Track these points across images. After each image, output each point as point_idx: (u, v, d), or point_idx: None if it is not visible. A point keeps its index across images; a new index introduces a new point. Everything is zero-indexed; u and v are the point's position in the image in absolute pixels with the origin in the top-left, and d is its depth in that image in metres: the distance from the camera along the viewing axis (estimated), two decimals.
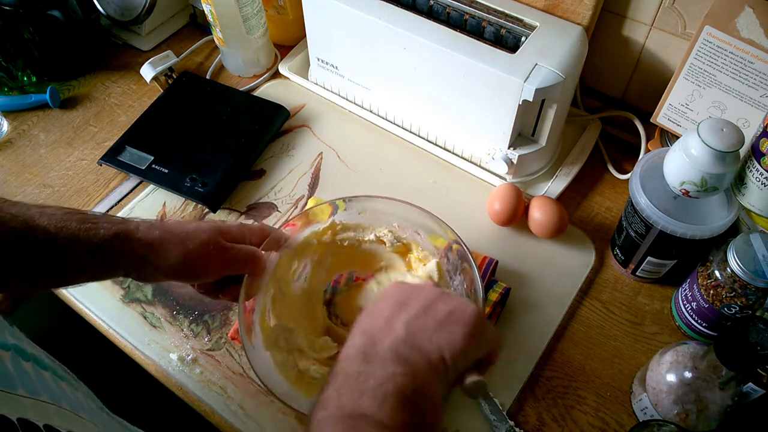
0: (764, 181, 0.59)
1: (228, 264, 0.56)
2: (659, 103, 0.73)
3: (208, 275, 0.56)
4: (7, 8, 0.87)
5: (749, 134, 0.63)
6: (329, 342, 0.64)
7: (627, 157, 0.84)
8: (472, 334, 0.44)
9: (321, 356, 0.62)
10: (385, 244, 0.68)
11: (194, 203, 0.80)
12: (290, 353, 0.61)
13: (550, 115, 0.73)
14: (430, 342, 0.43)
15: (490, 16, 0.75)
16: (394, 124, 0.86)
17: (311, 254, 0.68)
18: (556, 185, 0.80)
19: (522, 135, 0.78)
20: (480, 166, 0.81)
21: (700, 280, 0.63)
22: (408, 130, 0.85)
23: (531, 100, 0.68)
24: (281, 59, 0.96)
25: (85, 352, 0.81)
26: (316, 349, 0.62)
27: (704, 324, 0.64)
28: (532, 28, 0.73)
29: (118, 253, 0.52)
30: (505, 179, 0.80)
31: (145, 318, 0.71)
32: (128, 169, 0.81)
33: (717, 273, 0.60)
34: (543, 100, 0.71)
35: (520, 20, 0.74)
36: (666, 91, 0.71)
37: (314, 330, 0.65)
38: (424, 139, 0.84)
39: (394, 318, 0.44)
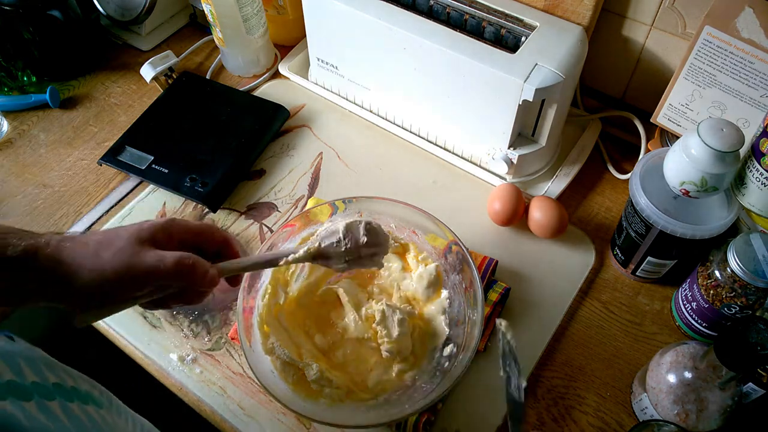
0: (764, 181, 0.59)
1: (153, 275, 0.44)
2: (659, 103, 0.73)
3: (134, 295, 0.46)
4: (7, 8, 0.87)
5: (749, 134, 0.63)
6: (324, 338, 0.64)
7: (627, 157, 0.84)
8: None
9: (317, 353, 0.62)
10: None
11: (194, 203, 0.81)
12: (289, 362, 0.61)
13: (550, 115, 0.73)
14: None
15: (490, 16, 0.75)
16: (394, 124, 0.86)
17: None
18: (556, 185, 0.80)
19: (522, 135, 0.77)
20: (480, 166, 0.81)
21: (700, 280, 0.63)
22: (408, 130, 0.85)
23: (531, 100, 0.68)
24: (281, 59, 0.96)
25: (85, 353, 0.81)
26: (313, 354, 0.62)
27: (704, 324, 0.64)
28: (532, 28, 0.73)
29: (28, 270, 0.43)
30: (505, 179, 0.80)
31: (145, 318, 0.71)
32: (128, 169, 0.81)
33: (717, 273, 0.60)
34: (543, 100, 0.71)
35: (520, 20, 0.74)
36: (666, 91, 0.71)
37: (313, 328, 0.65)
38: (424, 139, 0.84)
39: None
